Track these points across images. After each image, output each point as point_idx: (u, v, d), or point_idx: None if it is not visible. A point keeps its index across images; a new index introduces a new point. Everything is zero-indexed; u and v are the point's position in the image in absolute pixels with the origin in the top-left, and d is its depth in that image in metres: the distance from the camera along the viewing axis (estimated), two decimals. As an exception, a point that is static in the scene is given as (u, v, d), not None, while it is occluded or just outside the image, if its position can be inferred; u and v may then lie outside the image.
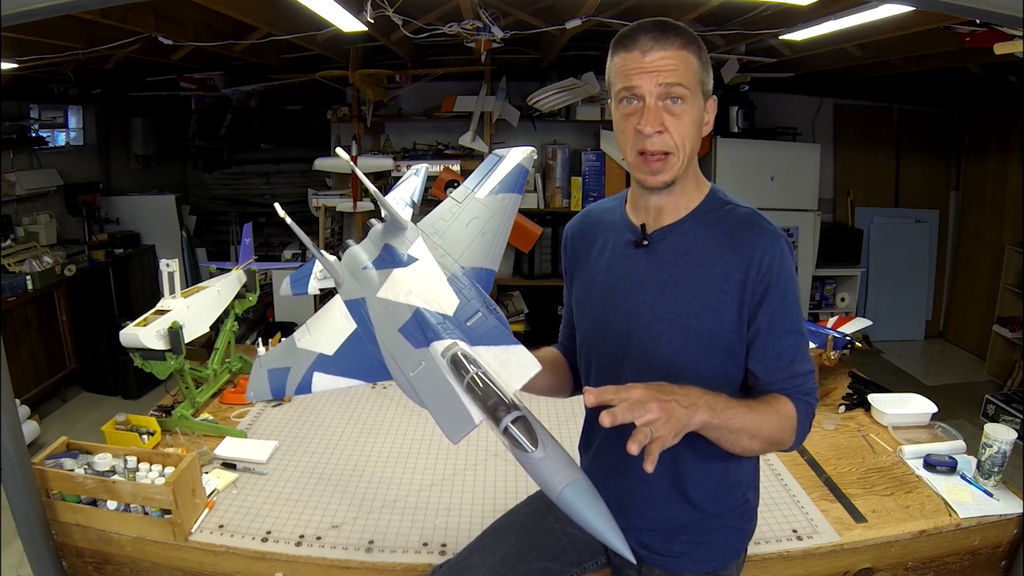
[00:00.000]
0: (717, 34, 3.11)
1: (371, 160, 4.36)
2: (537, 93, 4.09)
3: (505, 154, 1.26)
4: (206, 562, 1.54)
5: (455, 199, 1.25)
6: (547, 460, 0.88)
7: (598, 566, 1.35)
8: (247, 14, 2.56)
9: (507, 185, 1.22)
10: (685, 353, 1.13)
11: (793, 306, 1.12)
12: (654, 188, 1.12)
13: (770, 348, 1.12)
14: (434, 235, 1.19)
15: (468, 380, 0.92)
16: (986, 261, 4.95)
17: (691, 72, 1.05)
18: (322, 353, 1.11)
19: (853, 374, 2.42)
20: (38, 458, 1.60)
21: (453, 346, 0.97)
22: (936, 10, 1.78)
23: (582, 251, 1.30)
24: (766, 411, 1.10)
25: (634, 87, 1.05)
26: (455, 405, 0.93)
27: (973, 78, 3.67)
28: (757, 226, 1.11)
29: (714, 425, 1.01)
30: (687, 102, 1.05)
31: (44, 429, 3.62)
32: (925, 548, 1.60)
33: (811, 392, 1.15)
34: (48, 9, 1.27)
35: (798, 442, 1.15)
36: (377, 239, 1.22)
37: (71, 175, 4.84)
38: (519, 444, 0.88)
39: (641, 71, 1.04)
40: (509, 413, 0.89)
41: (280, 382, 1.12)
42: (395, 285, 1.10)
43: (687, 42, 1.05)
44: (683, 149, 1.08)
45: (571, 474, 0.87)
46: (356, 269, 1.19)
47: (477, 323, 1.02)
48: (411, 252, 1.14)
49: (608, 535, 0.85)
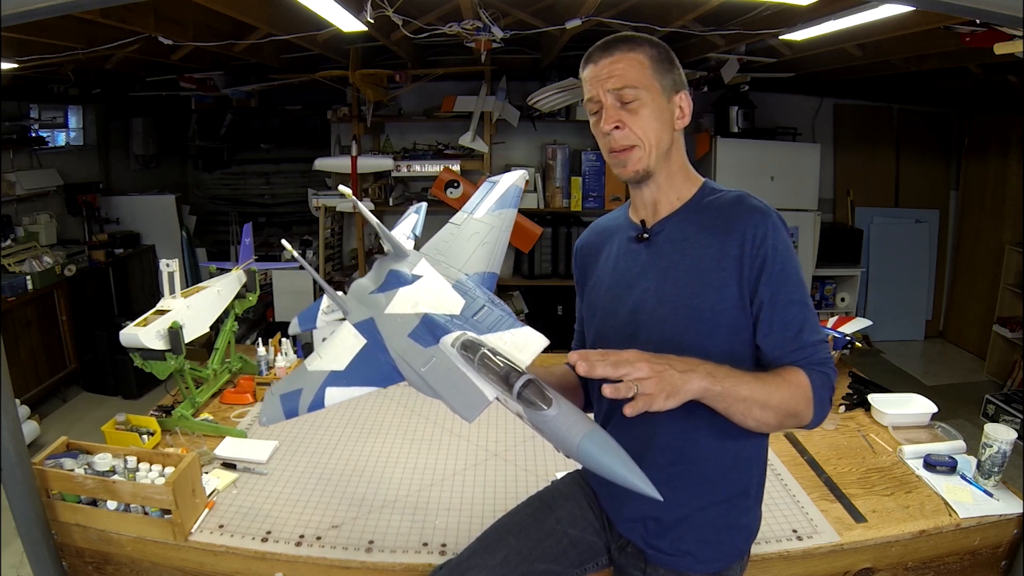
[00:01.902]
0: (717, 34, 3.11)
1: (371, 160, 4.36)
2: (537, 93, 4.09)
3: (499, 179, 1.33)
4: (206, 562, 1.54)
5: (454, 223, 1.31)
6: (561, 416, 0.90)
7: (599, 567, 1.35)
8: (247, 14, 2.56)
9: (502, 203, 1.30)
10: (689, 334, 1.14)
11: (793, 277, 1.13)
12: (630, 180, 1.21)
13: (775, 320, 1.13)
14: (436, 255, 1.24)
15: (479, 357, 0.96)
16: (986, 261, 4.96)
17: (640, 72, 1.14)
18: (333, 370, 1.14)
19: (853, 374, 2.42)
20: (38, 458, 1.60)
21: (462, 335, 1.02)
22: (936, 10, 1.79)
23: (591, 261, 1.35)
24: (774, 381, 1.10)
25: (593, 96, 1.17)
26: (467, 387, 0.98)
27: (973, 78, 3.67)
28: (747, 204, 1.16)
29: (715, 392, 1.02)
30: (641, 99, 1.14)
31: (44, 429, 3.62)
32: (925, 548, 1.60)
33: (825, 361, 1.15)
34: (48, 9, 1.27)
35: (819, 415, 1.14)
36: (381, 268, 1.26)
37: (71, 175, 4.84)
38: (533, 404, 0.91)
39: (596, 79, 1.16)
40: (521, 377, 0.92)
41: (293, 403, 1.14)
42: (402, 301, 1.15)
43: (634, 47, 1.15)
44: (647, 140, 1.16)
45: (587, 426, 0.90)
46: (363, 295, 1.23)
47: (483, 315, 1.06)
48: (415, 272, 1.18)
49: (631, 478, 0.87)
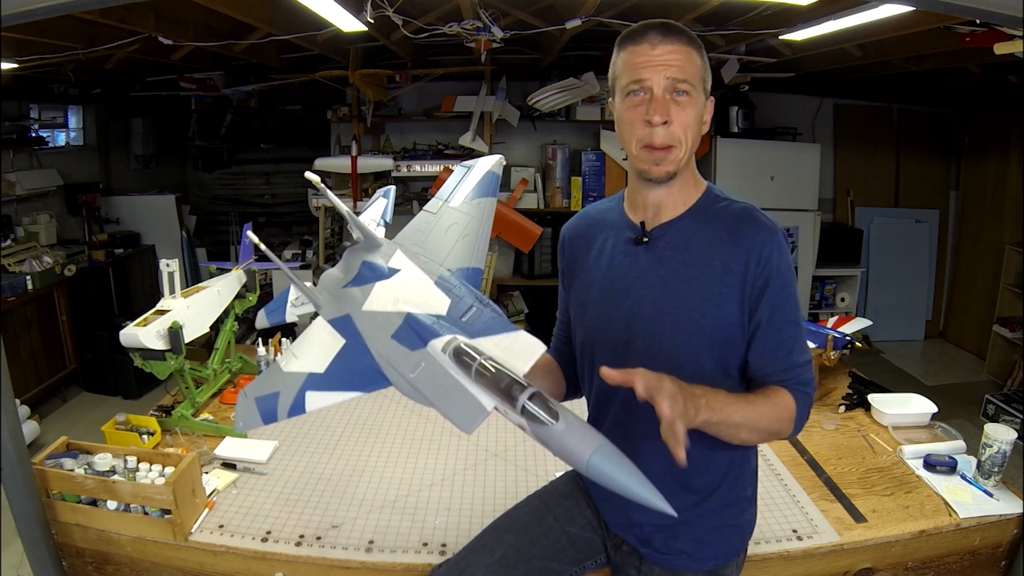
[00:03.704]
0: (717, 34, 3.11)
1: (371, 160, 4.35)
2: (537, 93, 4.09)
3: (473, 164, 1.29)
4: (206, 562, 1.54)
5: (428, 211, 1.26)
6: (569, 431, 0.88)
7: (598, 565, 1.35)
8: (247, 14, 2.56)
9: (480, 191, 1.25)
10: (688, 347, 1.13)
11: (792, 298, 1.14)
12: (657, 179, 1.13)
13: (770, 340, 1.13)
14: (413, 246, 1.19)
15: (476, 368, 0.92)
16: (986, 261, 4.95)
17: (695, 69, 1.09)
18: (312, 372, 1.09)
19: (853, 374, 2.42)
20: (38, 458, 1.60)
21: (453, 340, 0.97)
22: (936, 10, 1.79)
23: (581, 252, 1.29)
24: (765, 405, 1.11)
25: (643, 79, 1.07)
26: (464, 397, 0.94)
27: (973, 78, 3.67)
28: (755, 220, 1.14)
29: (713, 422, 1.04)
30: (691, 97, 1.09)
31: (44, 429, 3.62)
32: (925, 548, 1.60)
33: (808, 382, 1.17)
34: (48, 9, 1.27)
35: (796, 432, 1.18)
36: (352, 258, 1.20)
37: (71, 175, 4.84)
38: (539, 419, 0.88)
39: (649, 64, 1.07)
40: (524, 391, 0.89)
41: (270, 407, 1.09)
42: (380, 297, 1.10)
43: (691, 40, 1.10)
44: (686, 143, 1.11)
45: (596, 440, 0.88)
46: (335, 290, 1.18)
47: (473, 317, 1.02)
48: (391, 265, 1.14)
49: (643, 493, 0.85)
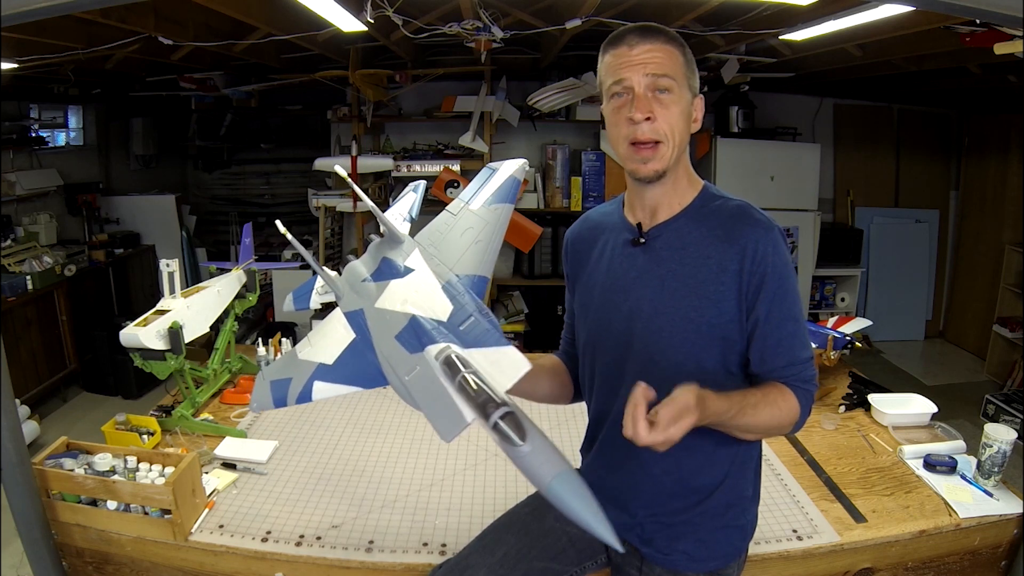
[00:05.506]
0: (717, 34, 3.11)
1: (371, 160, 4.35)
2: (537, 93, 4.09)
3: (499, 167, 1.30)
4: (206, 562, 1.54)
5: (450, 211, 1.28)
6: (535, 454, 0.89)
7: (598, 565, 1.35)
8: (247, 14, 2.56)
9: (500, 196, 1.27)
10: (686, 346, 1.14)
11: (790, 294, 1.14)
12: (646, 178, 1.14)
13: (770, 337, 1.13)
14: (430, 247, 1.23)
15: (459, 380, 0.95)
16: (986, 261, 4.95)
17: (676, 66, 1.10)
18: (322, 363, 1.15)
19: (853, 374, 2.42)
20: (38, 458, 1.60)
21: (446, 349, 1.00)
22: (936, 10, 1.79)
23: (583, 255, 1.31)
24: (767, 405, 1.12)
25: (623, 79, 1.10)
26: (448, 405, 0.96)
27: (973, 78, 3.66)
28: (750, 217, 1.14)
29: (716, 424, 1.05)
30: (674, 93, 1.10)
31: (44, 429, 3.62)
32: (925, 548, 1.60)
33: (810, 379, 1.17)
34: (48, 9, 1.27)
35: (797, 428, 1.19)
36: (376, 253, 1.25)
37: (71, 175, 4.84)
38: (507, 438, 0.90)
39: (629, 64, 1.09)
40: (498, 409, 0.91)
41: (282, 392, 1.16)
42: (392, 295, 1.14)
43: (671, 39, 1.11)
44: (672, 139, 1.11)
45: (558, 466, 0.89)
46: (355, 282, 1.22)
47: (470, 327, 1.05)
48: (408, 263, 1.17)
49: (594, 524, 0.86)
